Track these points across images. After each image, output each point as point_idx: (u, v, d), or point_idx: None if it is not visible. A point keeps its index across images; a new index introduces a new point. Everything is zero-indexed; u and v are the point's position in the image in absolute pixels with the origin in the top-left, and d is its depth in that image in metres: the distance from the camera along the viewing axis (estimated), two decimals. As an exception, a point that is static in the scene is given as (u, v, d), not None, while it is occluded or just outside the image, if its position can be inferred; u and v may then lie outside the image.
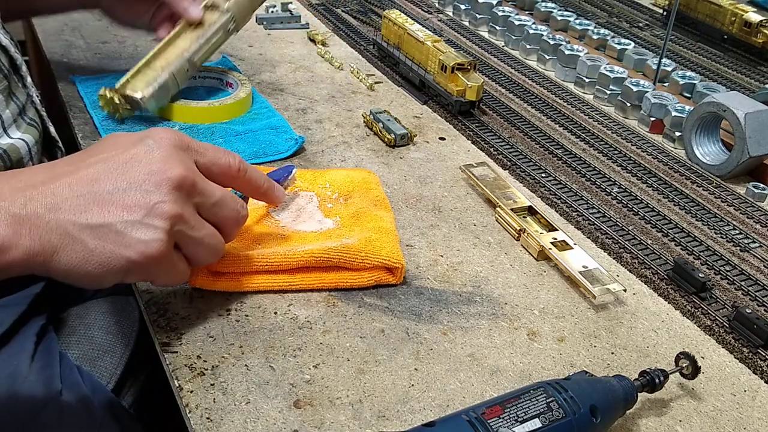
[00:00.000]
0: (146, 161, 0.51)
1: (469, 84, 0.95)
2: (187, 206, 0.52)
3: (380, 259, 0.64)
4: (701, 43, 1.28)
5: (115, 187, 0.50)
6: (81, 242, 0.48)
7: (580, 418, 0.48)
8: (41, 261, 0.48)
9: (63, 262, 0.48)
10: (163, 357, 0.58)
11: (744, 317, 0.63)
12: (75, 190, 0.49)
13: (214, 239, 0.56)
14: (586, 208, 0.80)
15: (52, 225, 0.48)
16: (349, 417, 0.53)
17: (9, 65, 0.75)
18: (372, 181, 0.78)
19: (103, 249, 0.49)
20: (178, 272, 0.55)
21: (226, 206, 0.56)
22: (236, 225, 0.58)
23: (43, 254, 0.48)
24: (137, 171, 0.51)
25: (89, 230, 0.48)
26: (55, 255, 0.48)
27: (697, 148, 0.92)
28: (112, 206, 0.49)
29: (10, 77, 0.74)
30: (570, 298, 0.68)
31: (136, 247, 0.50)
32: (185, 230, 0.53)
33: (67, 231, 0.48)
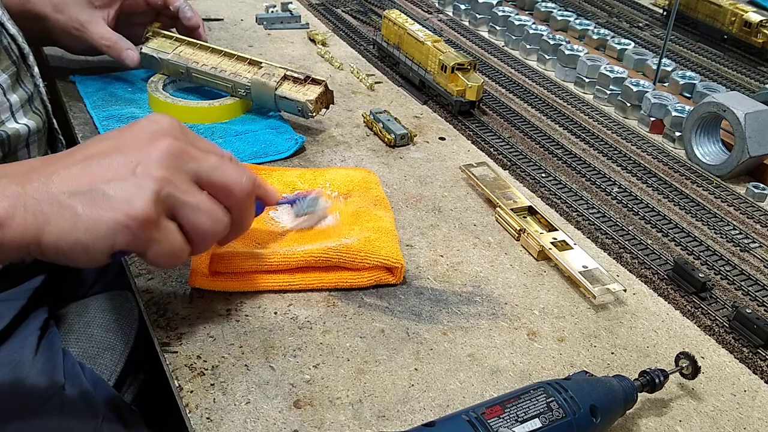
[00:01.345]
0: (139, 135, 0.51)
1: (469, 84, 0.95)
2: (179, 172, 0.51)
3: (380, 258, 0.64)
4: (701, 43, 1.28)
5: (107, 159, 0.50)
6: (70, 208, 0.48)
7: (580, 418, 0.48)
8: (34, 235, 0.47)
9: (54, 233, 0.48)
10: (163, 357, 0.58)
11: (744, 317, 0.63)
12: (68, 165, 0.49)
13: (215, 209, 0.52)
14: (586, 208, 0.80)
15: (45, 196, 0.48)
16: (349, 417, 0.53)
17: (18, 53, 0.76)
18: (372, 180, 0.78)
19: (91, 213, 0.48)
20: (172, 245, 0.51)
21: (226, 169, 0.53)
22: (241, 190, 0.54)
23: (36, 226, 0.47)
24: (129, 143, 0.50)
25: (78, 197, 0.48)
26: (47, 226, 0.47)
27: (697, 148, 0.92)
28: (100, 174, 0.49)
29: (19, 64, 0.75)
30: (570, 298, 0.68)
31: (122, 207, 0.48)
32: (177, 194, 0.50)
33: (57, 200, 0.48)
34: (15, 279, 0.76)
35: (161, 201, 0.49)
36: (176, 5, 0.94)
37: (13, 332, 0.74)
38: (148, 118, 0.53)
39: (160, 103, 0.90)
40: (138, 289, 0.64)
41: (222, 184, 0.53)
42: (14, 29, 0.76)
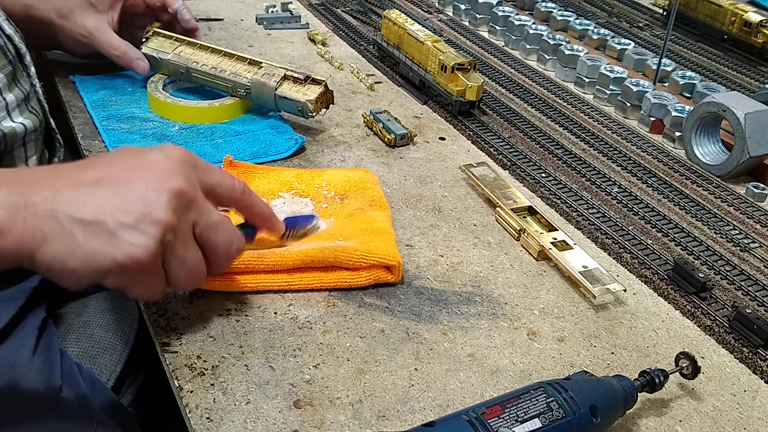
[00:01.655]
0: (151, 169, 0.51)
1: (469, 84, 0.95)
2: (183, 220, 0.51)
3: (377, 257, 0.64)
4: (701, 43, 1.28)
5: (115, 189, 0.50)
6: (70, 235, 0.48)
7: (580, 418, 0.48)
8: (29, 249, 0.48)
9: (49, 253, 0.48)
10: (163, 357, 0.58)
11: (744, 317, 0.63)
12: (75, 186, 0.49)
13: (199, 266, 0.54)
14: (586, 208, 0.80)
15: (47, 214, 0.48)
16: (349, 417, 0.53)
17: (14, 53, 0.76)
18: (369, 180, 0.78)
19: (91, 245, 0.48)
20: (154, 287, 0.53)
21: (222, 231, 0.54)
22: (227, 255, 0.56)
23: (33, 241, 0.47)
24: (140, 176, 0.50)
25: (81, 225, 0.48)
26: (44, 244, 0.48)
27: (697, 148, 0.92)
28: (107, 205, 0.49)
29: (15, 64, 0.75)
30: (570, 298, 0.68)
31: (125, 249, 0.48)
32: (175, 244, 0.51)
33: (59, 221, 0.48)
34: (13, 278, 0.76)
35: (162, 246, 0.50)
36: (174, 7, 0.94)
37: (11, 332, 0.74)
38: (162, 149, 0.53)
39: (160, 103, 0.90)
40: (138, 289, 0.64)
41: (213, 245, 0.54)
42: (10, 29, 0.76)
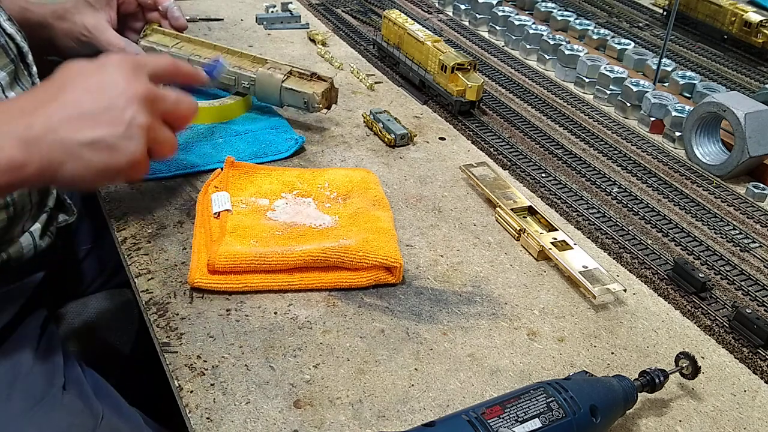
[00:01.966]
0: (114, 82, 0.60)
1: (469, 84, 0.95)
2: (154, 115, 0.61)
3: (378, 258, 0.64)
4: (701, 43, 1.28)
5: (97, 106, 0.58)
6: (81, 157, 0.57)
7: (580, 418, 0.48)
8: (50, 174, 0.57)
9: (68, 174, 0.57)
10: (163, 357, 0.58)
11: (744, 317, 0.63)
12: (64, 113, 0.57)
13: (172, 139, 0.64)
14: (586, 208, 0.80)
15: (55, 144, 0.56)
16: (349, 417, 0.53)
17: (16, 52, 0.76)
18: (371, 180, 0.78)
19: (100, 159, 0.58)
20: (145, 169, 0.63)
21: (180, 102, 0.64)
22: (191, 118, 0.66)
23: (51, 169, 0.57)
24: (110, 92, 0.59)
25: (86, 146, 0.57)
26: (61, 168, 0.57)
27: (697, 148, 0.92)
28: (99, 124, 0.58)
29: (17, 63, 0.75)
30: (570, 298, 0.68)
31: (126, 154, 0.59)
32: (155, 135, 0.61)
33: (67, 148, 0.57)
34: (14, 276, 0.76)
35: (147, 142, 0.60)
36: (165, 5, 0.95)
37: (13, 331, 0.74)
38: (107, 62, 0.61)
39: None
40: (138, 289, 0.64)
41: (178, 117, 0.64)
42: (12, 29, 0.76)
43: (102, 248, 0.98)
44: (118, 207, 0.74)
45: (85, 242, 0.98)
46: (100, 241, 0.98)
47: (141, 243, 0.70)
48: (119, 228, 0.72)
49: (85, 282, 0.95)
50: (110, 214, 0.74)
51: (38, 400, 0.70)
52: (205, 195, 0.74)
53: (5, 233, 0.72)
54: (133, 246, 0.69)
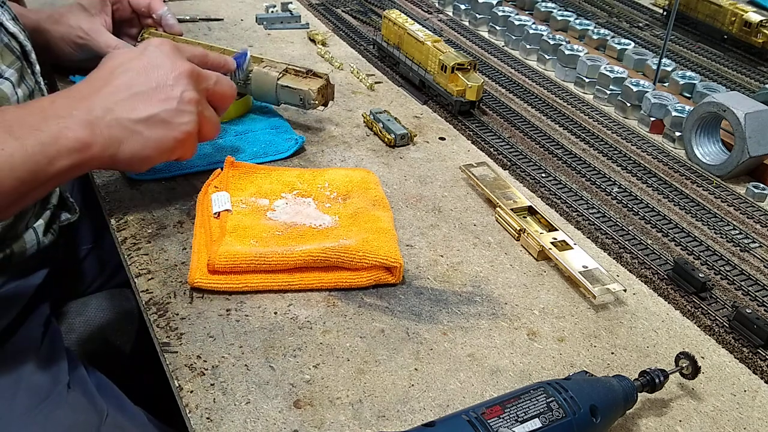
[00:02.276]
0: (160, 63, 0.66)
1: (469, 84, 0.95)
2: (200, 92, 0.68)
3: (378, 258, 0.64)
4: (701, 43, 1.28)
5: (148, 87, 0.64)
6: (138, 133, 0.63)
7: (580, 418, 0.48)
8: (111, 153, 0.62)
9: (127, 151, 0.63)
10: (163, 357, 0.58)
11: (744, 317, 0.63)
12: (118, 95, 0.63)
13: (216, 118, 0.71)
14: (586, 208, 0.80)
15: (113, 123, 0.62)
16: (349, 417, 0.53)
17: (20, 50, 0.76)
18: (371, 180, 0.78)
19: (156, 134, 0.64)
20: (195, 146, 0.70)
21: (221, 82, 0.71)
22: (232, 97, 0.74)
23: (112, 147, 0.62)
24: (157, 72, 0.65)
25: (142, 123, 0.63)
26: (121, 146, 0.62)
27: (697, 148, 0.92)
28: (152, 101, 0.64)
29: (21, 61, 0.76)
30: (570, 298, 0.68)
31: (181, 128, 0.65)
32: (203, 110, 0.68)
33: (125, 126, 0.62)
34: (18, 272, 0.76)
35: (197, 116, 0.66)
36: (159, 13, 0.95)
37: (17, 329, 0.74)
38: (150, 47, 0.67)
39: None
40: (138, 289, 0.64)
41: (221, 95, 0.71)
42: (15, 28, 0.76)
43: (102, 248, 0.98)
44: (118, 207, 0.74)
45: (86, 242, 0.98)
46: (101, 241, 0.98)
47: (141, 243, 0.70)
48: (119, 228, 0.72)
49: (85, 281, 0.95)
50: (110, 214, 0.74)
51: (43, 398, 0.70)
52: (205, 195, 0.74)
53: (10, 229, 0.72)
54: (133, 246, 0.69)
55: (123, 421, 0.73)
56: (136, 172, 0.70)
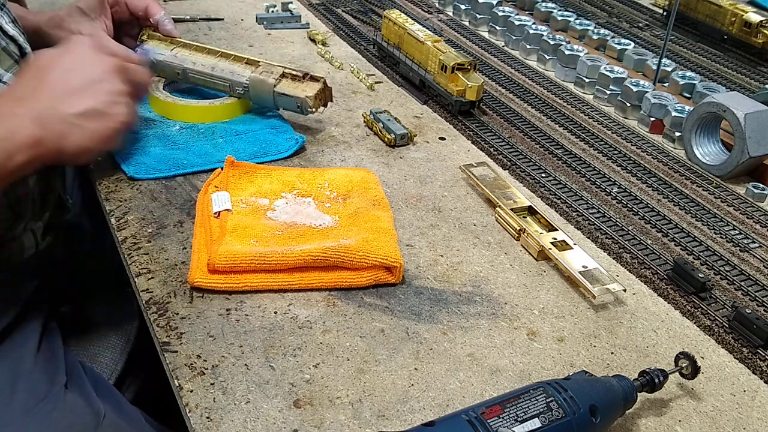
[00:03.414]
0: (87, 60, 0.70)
1: (469, 84, 0.95)
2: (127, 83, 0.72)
3: (378, 258, 0.64)
4: (701, 43, 1.28)
5: (83, 82, 0.68)
6: (80, 126, 0.66)
7: (580, 417, 0.48)
8: (58, 147, 0.65)
9: (72, 144, 0.66)
10: (163, 356, 0.58)
11: (744, 317, 0.63)
12: (56, 92, 0.66)
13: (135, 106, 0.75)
14: (586, 208, 0.80)
15: (57, 119, 0.65)
16: (349, 416, 0.53)
17: (19, 53, 0.76)
18: (371, 180, 0.78)
19: (97, 127, 0.67)
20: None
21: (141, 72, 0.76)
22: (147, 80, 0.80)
23: (59, 141, 0.65)
24: (89, 69, 0.69)
25: (83, 117, 0.66)
26: (67, 140, 0.65)
27: (697, 148, 0.92)
28: (89, 96, 0.67)
29: (20, 64, 0.76)
30: (570, 298, 0.68)
31: (117, 118, 0.69)
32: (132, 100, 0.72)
33: (68, 121, 0.65)
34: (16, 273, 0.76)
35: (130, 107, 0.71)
36: (156, 18, 0.95)
37: (15, 330, 0.74)
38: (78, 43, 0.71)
39: (160, 102, 0.90)
40: (138, 288, 0.64)
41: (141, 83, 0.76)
42: (15, 31, 0.76)
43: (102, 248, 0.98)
44: (118, 207, 0.74)
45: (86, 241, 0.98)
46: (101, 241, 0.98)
47: (141, 243, 0.70)
48: (119, 228, 0.72)
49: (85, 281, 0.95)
50: (110, 213, 0.74)
51: (40, 398, 0.70)
52: (205, 195, 0.74)
53: (8, 230, 0.72)
54: (133, 246, 0.69)
55: (120, 422, 0.73)
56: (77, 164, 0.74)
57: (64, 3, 1.03)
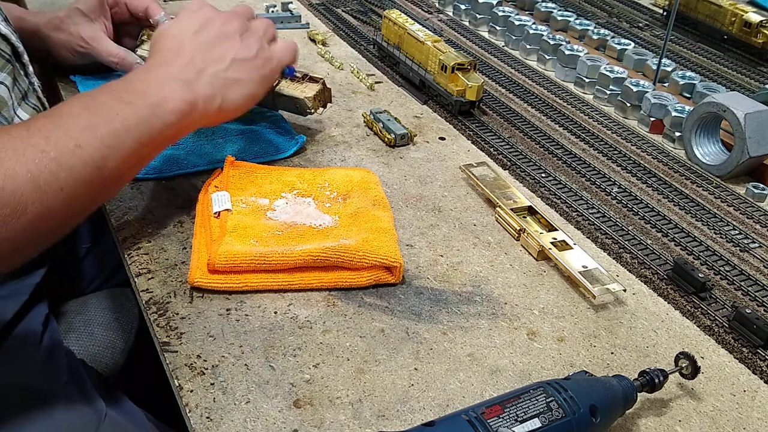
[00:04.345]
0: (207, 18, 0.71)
1: (469, 84, 0.95)
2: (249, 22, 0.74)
3: (378, 258, 0.64)
4: (701, 43, 1.28)
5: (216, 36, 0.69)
6: (232, 79, 0.68)
7: (580, 417, 0.48)
8: (217, 106, 0.67)
9: (231, 98, 0.68)
10: (163, 356, 0.58)
11: (744, 317, 0.63)
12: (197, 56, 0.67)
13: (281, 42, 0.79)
14: (586, 208, 0.80)
15: (208, 80, 0.66)
16: (349, 417, 0.53)
17: (11, 53, 0.76)
18: (371, 180, 0.78)
19: (246, 73, 0.70)
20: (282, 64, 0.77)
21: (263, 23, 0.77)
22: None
23: (216, 101, 0.67)
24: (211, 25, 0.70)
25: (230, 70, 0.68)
26: (224, 97, 0.68)
27: (697, 148, 0.92)
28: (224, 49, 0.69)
29: (13, 63, 0.76)
30: (570, 298, 0.68)
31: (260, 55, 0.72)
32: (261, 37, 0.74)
33: (219, 78, 0.67)
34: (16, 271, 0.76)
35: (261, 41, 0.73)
36: (156, 18, 0.95)
37: (16, 327, 0.74)
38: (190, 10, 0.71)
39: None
40: (138, 288, 0.64)
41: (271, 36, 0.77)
42: (7, 30, 0.76)
43: (102, 247, 0.98)
44: (118, 207, 0.74)
45: (86, 240, 0.98)
46: (100, 240, 0.98)
47: (141, 242, 0.70)
48: (119, 227, 0.72)
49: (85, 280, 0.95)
50: (110, 213, 0.74)
51: (42, 396, 0.70)
52: (205, 194, 0.74)
53: None
54: (133, 245, 0.69)
55: (122, 421, 0.73)
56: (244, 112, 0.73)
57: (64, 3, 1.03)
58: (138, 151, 0.61)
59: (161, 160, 0.81)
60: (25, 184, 0.52)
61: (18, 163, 0.52)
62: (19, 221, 0.52)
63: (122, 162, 0.60)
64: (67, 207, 0.56)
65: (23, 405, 0.69)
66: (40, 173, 0.53)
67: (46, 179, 0.53)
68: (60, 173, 0.54)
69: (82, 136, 0.56)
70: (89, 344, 0.81)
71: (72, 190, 0.56)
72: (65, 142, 0.55)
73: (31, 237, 0.55)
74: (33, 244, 0.57)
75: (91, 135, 0.57)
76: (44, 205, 0.54)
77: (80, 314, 0.85)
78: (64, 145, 0.55)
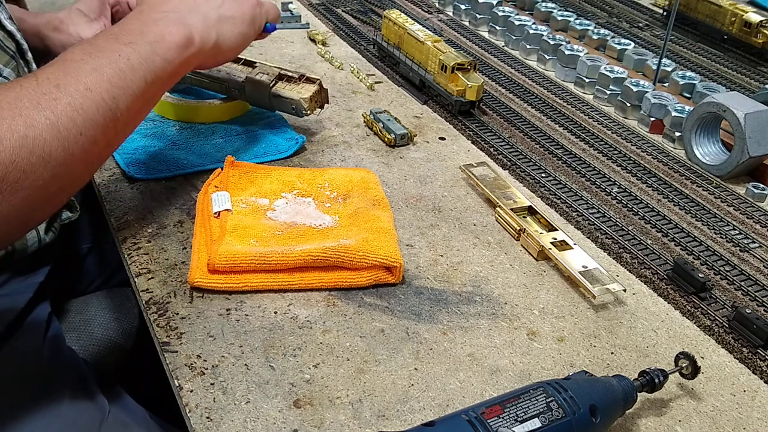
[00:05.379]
0: None
1: (469, 84, 0.95)
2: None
3: (378, 258, 0.64)
4: (701, 43, 1.28)
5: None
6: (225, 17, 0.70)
7: (580, 417, 0.48)
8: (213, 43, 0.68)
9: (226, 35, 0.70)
10: (163, 356, 0.58)
11: (744, 317, 0.63)
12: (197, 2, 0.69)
13: None
14: (586, 208, 0.80)
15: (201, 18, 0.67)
16: (349, 416, 0.53)
17: (16, 50, 0.76)
18: (371, 180, 0.78)
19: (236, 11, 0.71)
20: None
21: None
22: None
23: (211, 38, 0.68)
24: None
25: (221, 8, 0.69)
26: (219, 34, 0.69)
27: (697, 148, 0.92)
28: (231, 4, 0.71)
29: (17, 60, 0.76)
30: (570, 298, 0.68)
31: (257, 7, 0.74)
32: None
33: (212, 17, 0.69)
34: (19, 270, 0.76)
35: None
36: None
37: (20, 326, 0.75)
38: None
39: (160, 102, 0.90)
40: (138, 288, 0.64)
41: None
42: (12, 27, 0.76)
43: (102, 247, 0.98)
44: (118, 206, 0.74)
45: (86, 240, 0.98)
46: (101, 240, 0.98)
47: (141, 242, 0.70)
48: (119, 227, 0.72)
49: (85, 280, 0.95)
50: (110, 213, 0.74)
51: (45, 394, 0.70)
52: (205, 194, 0.74)
53: None
54: (133, 245, 0.69)
55: (125, 419, 0.73)
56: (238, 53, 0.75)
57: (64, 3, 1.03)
58: (145, 91, 0.62)
59: (161, 161, 0.81)
60: (45, 130, 0.52)
61: (35, 110, 0.53)
62: (46, 168, 0.53)
63: (132, 102, 0.60)
64: (87, 153, 0.57)
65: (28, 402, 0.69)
66: (58, 119, 0.53)
67: (65, 124, 0.54)
68: (77, 118, 0.55)
69: (89, 79, 0.57)
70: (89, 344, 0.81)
71: (90, 134, 0.56)
72: (75, 86, 0.56)
73: (58, 186, 0.55)
74: (60, 193, 0.58)
75: (99, 77, 0.58)
76: (66, 151, 0.54)
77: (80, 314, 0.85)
78: (75, 90, 0.56)
